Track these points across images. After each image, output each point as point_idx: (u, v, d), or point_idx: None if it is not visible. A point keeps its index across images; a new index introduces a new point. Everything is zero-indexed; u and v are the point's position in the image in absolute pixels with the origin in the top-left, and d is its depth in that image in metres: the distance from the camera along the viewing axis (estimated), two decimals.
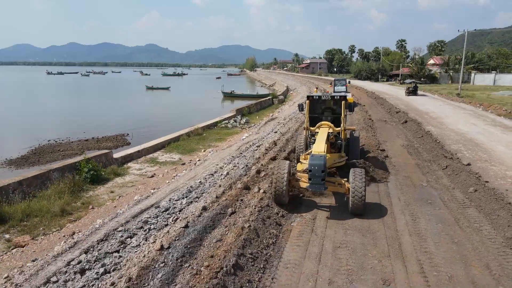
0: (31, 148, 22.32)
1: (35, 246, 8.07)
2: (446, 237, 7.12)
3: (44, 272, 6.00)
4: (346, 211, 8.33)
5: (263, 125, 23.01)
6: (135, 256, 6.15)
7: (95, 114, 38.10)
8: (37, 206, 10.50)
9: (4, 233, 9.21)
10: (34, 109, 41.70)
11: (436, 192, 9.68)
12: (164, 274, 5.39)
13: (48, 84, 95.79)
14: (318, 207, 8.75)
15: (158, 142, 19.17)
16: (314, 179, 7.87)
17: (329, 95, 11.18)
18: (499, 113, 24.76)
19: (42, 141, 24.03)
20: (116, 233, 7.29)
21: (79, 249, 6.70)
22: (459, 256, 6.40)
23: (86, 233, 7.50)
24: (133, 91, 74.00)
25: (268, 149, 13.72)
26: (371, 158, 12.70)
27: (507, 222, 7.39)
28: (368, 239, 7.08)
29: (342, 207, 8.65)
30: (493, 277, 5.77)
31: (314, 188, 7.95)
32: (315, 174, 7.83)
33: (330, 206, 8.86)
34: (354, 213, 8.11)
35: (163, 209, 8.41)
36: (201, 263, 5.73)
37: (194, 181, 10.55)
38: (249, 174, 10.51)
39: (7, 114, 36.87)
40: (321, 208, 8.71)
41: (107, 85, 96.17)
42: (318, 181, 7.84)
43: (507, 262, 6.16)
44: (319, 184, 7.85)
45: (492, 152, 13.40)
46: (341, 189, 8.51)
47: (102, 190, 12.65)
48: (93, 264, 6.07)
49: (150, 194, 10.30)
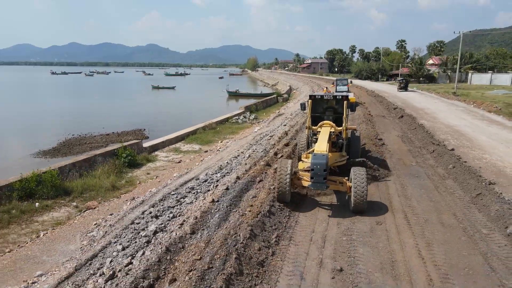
0: (59, 141, 24.39)
1: (104, 208, 10.21)
2: (426, 198, 9.25)
3: (126, 218, 8.14)
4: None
5: (272, 119, 25.16)
6: (193, 207, 8.29)
7: (108, 112, 40.24)
8: (91, 182, 12.65)
9: (71, 201, 11.35)
10: (51, 108, 43.87)
11: (422, 169, 11.81)
12: (219, 215, 7.52)
13: (55, 84, 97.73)
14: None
15: (179, 135, 21.30)
16: (316, 178, 8.00)
17: (331, 94, 11.42)
18: (489, 109, 26.78)
19: (67, 135, 26.08)
20: (171, 195, 9.43)
21: (147, 205, 8.84)
22: (434, 208, 8.53)
23: (147, 196, 9.64)
24: (139, 90, 76.11)
25: (280, 138, 15.87)
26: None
27: (474, 188, 9.51)
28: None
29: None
30: (457, 220, 7.90)
31: (315, 186, 8.15)
32: (317, 173, 7.97)
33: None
34: (355, 212, 8.24)
35: (203, 180, 10.54)
36: (244, 209, 7.87)
37: (222, 162, 12.70)
38: (268, 155, 12.65)
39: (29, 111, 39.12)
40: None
41: (112, 85, 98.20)
42: (320, 180, 7.99)
43: (469, 212, 8.30)
44: (321, 183, 8.02)
45: (474, 141, 15.49)
46: (342, 187, 8.65)
47: (139, 172, 14.79)
48: (162, 212, 8.21)
49: (187, 172, 12.44)
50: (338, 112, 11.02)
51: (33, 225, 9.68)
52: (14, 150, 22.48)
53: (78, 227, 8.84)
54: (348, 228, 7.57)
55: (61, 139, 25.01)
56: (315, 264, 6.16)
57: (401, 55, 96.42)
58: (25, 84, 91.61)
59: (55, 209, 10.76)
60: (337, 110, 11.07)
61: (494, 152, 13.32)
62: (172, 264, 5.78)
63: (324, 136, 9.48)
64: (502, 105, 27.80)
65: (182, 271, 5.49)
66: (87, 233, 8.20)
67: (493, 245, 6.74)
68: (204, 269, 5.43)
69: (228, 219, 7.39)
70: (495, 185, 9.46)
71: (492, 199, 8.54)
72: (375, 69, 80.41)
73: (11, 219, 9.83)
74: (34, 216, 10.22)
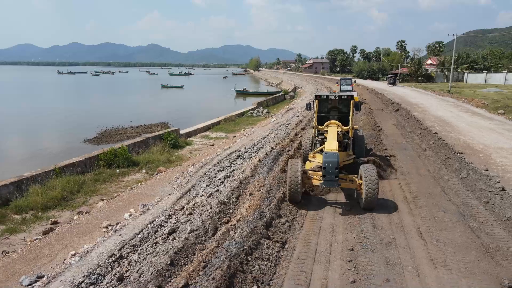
0: (98, 133, 27.88)
1: (172, 171, 13.71)
2: (410, 161, 12.76)
3: (199, 172, 11.67)
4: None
5: (284, 113, 28.69)
6: (245, 165, 11.79)
7: (129, 108, 43.80)
8: (151, 157, 16.15)
9: (141, 169, 14.86)
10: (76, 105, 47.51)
11: (410, 146, 15.31)
12: (266, 167, 11.02)
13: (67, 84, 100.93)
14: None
15: (205, 125, 24.83)
16: (328, 176, 8.18)
17: (336, 94, 11.59)
18: (477, 105, 30.19)
19: (102, 128, 29.52)
20: (224, 160, 12.95)
21: (209, 166, 12.36)
22: (415, 166, 12.04)
23: (207, 159, 13.15)
24: (150, 89, 79.66)
25: (296, 125, 19.40)
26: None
27: (445, 155, 13.01)
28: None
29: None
30: (429, 172, 11.40)
31: (328, 184, 8.31)
32: (329, 171, 8.16)
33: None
34: (366, 208, 8.36)
35: (243, 152, 14.06)
36: (281, 164, 11.35)
37: (253, 141, 16.22)
38: (290, 136, 16.17)
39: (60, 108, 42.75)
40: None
41: (121, 84, 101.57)
42: (332, 178, 8.16)
43: (438, 168, 11.82)
44: (333, 181, 8.19)
45: (455, 127, 18.97)
46: (353, 185, 8.81)
47: (183, 152, 18.31)
48: (224, 168, 11.71)
49: (228, 148, 15.95)
50: (343, 111, 11.21)
51: (122, 183, 13.21)
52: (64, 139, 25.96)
53: (162, 181, 12.37)
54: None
55: (98, 130, 28.49)
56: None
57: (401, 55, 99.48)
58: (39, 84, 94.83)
59: (132, 174, 14.29)
60: (342, 110, 11.25)
61: (468, 135, 16.82)
62: (245, 189, 9.29)
63: (332, 135, 9.70)
64: (490, 101, 31.15)
65: (254, 190, 9.01)
66: (173, 182, 11.71)
67: (450, 184, 10.24)
68: (268, 189, 8.94)
69: (272, 169, 10.88)
70: (461, 154, 12.94)
71: (456, 161, 12.04)
72: (375, 69, 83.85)
73: (105, 179, 13.36)
74: (119, 178, 13.74)
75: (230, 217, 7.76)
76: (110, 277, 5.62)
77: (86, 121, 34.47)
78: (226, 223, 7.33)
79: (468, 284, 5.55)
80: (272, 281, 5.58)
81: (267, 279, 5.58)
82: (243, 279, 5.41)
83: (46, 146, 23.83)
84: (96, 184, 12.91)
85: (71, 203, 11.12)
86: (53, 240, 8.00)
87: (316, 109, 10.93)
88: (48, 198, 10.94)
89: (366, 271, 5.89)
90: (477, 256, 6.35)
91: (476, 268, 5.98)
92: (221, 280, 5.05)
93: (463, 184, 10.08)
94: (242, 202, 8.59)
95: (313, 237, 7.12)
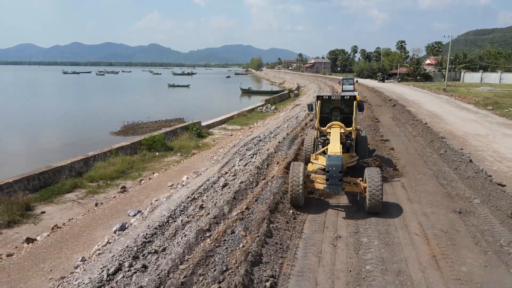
0: (122, 126, 30.59)
1: (204, 154, 16.52)
2: (401, 143, 15.57)
3: (231, 151, 14.49)
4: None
5: (292, 108, 31.56)
6: (267, 146, 14.61)
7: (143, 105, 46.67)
8: (182, 144, 18.96)
9: (176, 153, 17.67)
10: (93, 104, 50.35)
11: (402, 133, 18.13)
12: (286, 146, 13.83)
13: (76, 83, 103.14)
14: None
15: (221, 119, 27.65)
16: (332, 179, 7.94)
17: (338, 95, 11.38)
18: (469, 101, 32.97)
19: (124, 122, 32.20)
20: (248, 143, 15.77)
21: (238, 147, 15.16)
22: (405, 147, 14.86)
23: (234, 143, 15.96)
24: (157, 88, 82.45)
25: (305, 117, 22.23)
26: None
27: (431, 139, 15.82)
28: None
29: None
30: (416, 151, 14.22)
31: (332, 188, 8.06)
32: (333, 175, 7.92)
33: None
34: (371, 212, 8.10)
35: (263, 137, 16.89)
36: (297, 145, 14.16)
37: (269, 130, 19.04)
38: (301, 125, 18.99)
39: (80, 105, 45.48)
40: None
41: (127, 84, 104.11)
42: (336, 181, 7.93)
43: (423, 148, 14.64)
44: (336, 184, 7.95)
45: (444, 119, 21.77)
46: (357, 188, 8.51)
47: (207, 141, 21.12)
48: (251, 148, 14.53)
49: (249, 135, 18.76)
50: (345, 112, 10.90)
51: (163, 162, 16.03)
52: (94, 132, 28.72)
53: (199, 159, 15.19)
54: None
55: (121, 125, 31.25)
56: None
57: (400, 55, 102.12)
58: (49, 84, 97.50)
59: (169, 156, 17.11)
60: (344, 110, 10.93)
61: (453, 125, 19.64)
62: (272, 161, 12.11)
63: (335, 136, 9.41)
64: (481, 99, 33.88)
65: (279, 160, 11.83)
66: (211, 159, 14.53)
67: (431, 158, 13.06)
68: (289, 160, 11.75)
69: (291, 148, 13.71)
70: (444, 138, 15.75)
71: (438, 143, 14.87)
72: (375, 69, 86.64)
73: (149, 159, 16.18)
74: (160, 159, 16.56)
75: (265, 176, 10.57)
76: (193, 207, 8.44)
77: (107, 117, 37.18)
78: (263, 180, 10.14)
79: (432, 210, 8.36)
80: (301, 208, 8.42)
81: (298, 208, 8.42)
82: (283, 207, 8.24)
83: (81, 137, 26.61)
84: (143, 163, 15.73)
85: (130, 175, 13.96)
86: (135, 194, 10.83)
87: (318, 110, 10.77)
88: (112, 171, 13.77)
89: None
90: (441, 198, 9.17)
91: (439, 204, 8.79)
92: (271, 204, 7.87)
93: (440, 158, 12.88)
94: (272, 168, 11.40)
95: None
